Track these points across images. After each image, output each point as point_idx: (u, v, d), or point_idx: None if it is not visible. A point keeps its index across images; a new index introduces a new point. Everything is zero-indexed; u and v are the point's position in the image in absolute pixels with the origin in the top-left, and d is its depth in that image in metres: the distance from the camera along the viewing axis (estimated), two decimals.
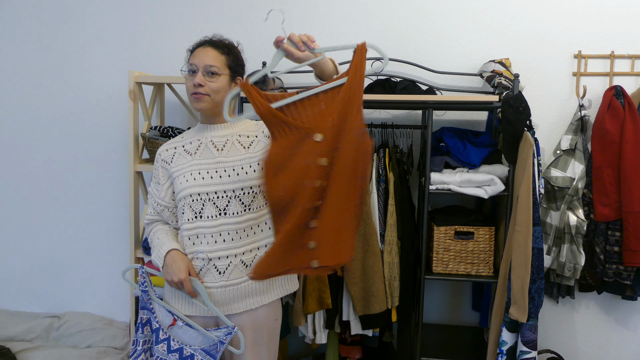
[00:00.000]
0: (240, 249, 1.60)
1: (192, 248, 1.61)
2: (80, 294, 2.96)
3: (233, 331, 1.58)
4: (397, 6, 2.60)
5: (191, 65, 1.60)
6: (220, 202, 1.58)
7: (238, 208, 1.59)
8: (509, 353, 2.18)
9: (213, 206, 1.58)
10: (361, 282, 2.25)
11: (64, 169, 2.90)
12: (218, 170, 1.60)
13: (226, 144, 1.65)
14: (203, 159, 1.62)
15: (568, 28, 2.51)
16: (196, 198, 1.59)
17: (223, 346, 1.58)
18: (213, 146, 1.64)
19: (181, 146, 1.68)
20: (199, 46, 1.63)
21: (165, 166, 1.69)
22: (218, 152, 1.63)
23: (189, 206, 1.60)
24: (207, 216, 1.58)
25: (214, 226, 1.58)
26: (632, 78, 2.47)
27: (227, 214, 1.59)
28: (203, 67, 1.58)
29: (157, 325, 1.60)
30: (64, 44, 2.84)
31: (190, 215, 1.60)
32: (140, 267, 1.65)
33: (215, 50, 1.61)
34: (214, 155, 1.62)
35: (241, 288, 1.61)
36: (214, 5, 2.71)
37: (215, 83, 1.59)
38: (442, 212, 2.44)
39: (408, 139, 2.57)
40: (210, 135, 1.66)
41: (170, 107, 2.77)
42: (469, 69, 2.56)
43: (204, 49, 1.61)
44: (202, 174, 1.60)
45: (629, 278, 2.33)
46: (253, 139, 1.67)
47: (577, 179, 2.35)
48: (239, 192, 1.59)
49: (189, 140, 1.69)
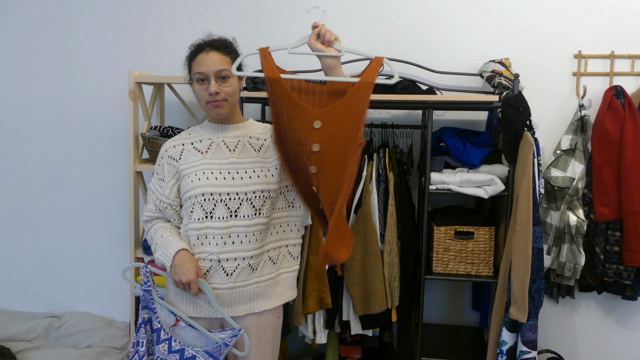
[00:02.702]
0: (249, 253, 1.59)
1: (201, 248, 1.59)
2: (80, 294, 2.96)
3: (239, 334, 1.57)
4: (398, 6, 2.60)
5: (199, 74, 1.56)
6: (232, 203, 1.57)
7: (249, 211, 1.58)
8: (509, 353, 2.18)
9: (225, 207, 1.57)
10: (361, 282, 2.25)
11: (64, 169, 2.90)
12: (231, 171, 1.59)
13: (238, 145, 1.64)
14: (215, 158, 1.61)
15: (568, 28, 2.51)
16: (208, 198, 1.57)
17: (227, 348, 1.57)
18: (225, 146, 1.63)
19: (190, 143, 1.65)
20: (199, 52, 1.58)
21: (172, 163, 1.64)
22: (230, 152, 1.62)
23: (199, 205, 1.57)
24: (217, 217, 1.57)
25: (224, 227, 1.57)
26: (632, 78, 2.47)
27: (238, 217, 1.58)
28: (214, 74, 1.55)
29: (159, 325, 1.59)
30: (64, 44, 2.84)
31: (200, 214, 1.58)
32: (143, 266, 1.62)
33: (219, 53, 1.58)
34: (227, 156, 1.61)
35: (247, 291, 1.61)
36: (214, 5, 2.71)
37: (229, 87, 1.58)
38: (442, 212, 2.44)
39: (408, 139, 2.57)
40: (222, 136, 1.65)
41: (170, 107, 2.77)
42: (469, 69, 2.56)
43: (207, 55, 1.56)
44: (215, 174, 1.58)
45: (629, 278, 2.33)
46: (263, 142, 1.67)
47: (577, 179, 2.35)
48: (251, 195, 1.59)
49: (198, 139, 1.66)
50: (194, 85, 1.61)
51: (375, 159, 2.32)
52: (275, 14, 2.68)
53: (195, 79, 1.58)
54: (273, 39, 2.68)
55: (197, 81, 1.58)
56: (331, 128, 1.40)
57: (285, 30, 2.67)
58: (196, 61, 1.58)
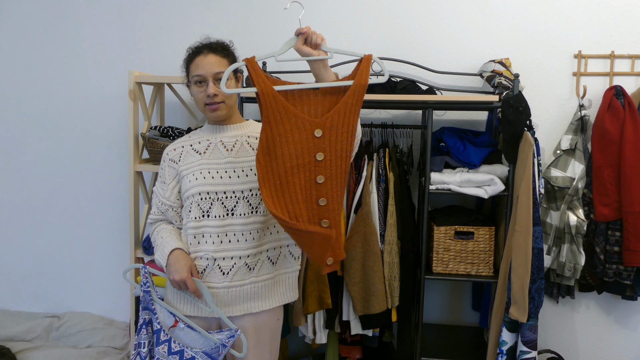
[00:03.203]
0: (245, 252, 1.60)
1: (197, 247, 1.60)
2: (80, 294, 2.96)
3: (236, 334, 1.57)
4: (398, 6, 2.60)
5: (197, 76, 1.57)
6: (229, 202, 1.59)
7: (246, 209, 1.59)
8: (509, 353, 2.18)
9: (221, 206, 1.58)
10: (361, 282, 2.25)
11: (64, 169, 2.90)
12: (228, 170, 1.60)
13: (235, 145, 1.65)
14: (212, 158, 1.62)
15: (568, 28, 2.51)
16: (205, 197, 1.58)
17: (225, 349, 1.57)
18: (223, 146, 1.64)
19: (189, 145, 1.67)
20: (197, 54, 1.60)
21: (172, 165, 1.68)
22: (228, 152, 1.63)
23: (196, 204, 1.59)
24: (214, 215, 1.58)
25: (221, 226, 1.58)
26: (632, 78, 2.47)
27: (235, 215, 1.59)
28: (212, 76, 1.56)
29: (159, 327, 1.60)
30: (64, 44, 2.84)
31: (197, 213, 1.59)
32: (142, 267, 1.63)
33: (216, 55, 1.59)
34: (224, 156, 1.63)
35: (244, 290, 1.61)
36: (214, 5, 2.71)
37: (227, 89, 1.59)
38: (442, 212, 2.44)
39: (408, 139, 2.57)
40: (220, 136, 1.66)
41: (170, 107, 2.77)
42: (469, 69, 2.56)
43: (205, 57, 1.58)
44: (212, 173, 1.60)
45: (629, 278, 2.33)
46: None
47: (577, 178, 2.35)
48: (248, 194, 1.60)
49: (197, 140, 1.68)
50: (192, 87, 1.62)
51: (375, 159, 2.32)
52: (276, 14, 2.68)
53: (193, 82, 1.59)
54: (273, 39, 2.68)
55: (195, 83, 1.59)
56: (332, 134, 1.40)
57: (285, 30, 2.67)
58: (194, 64, 1.59)
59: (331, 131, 1.40)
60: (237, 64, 1.47)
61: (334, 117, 1.40)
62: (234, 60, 1.64)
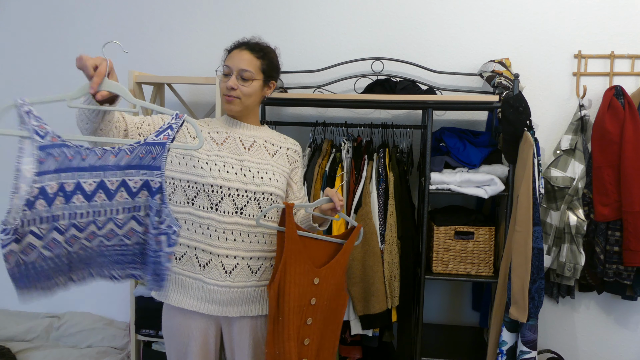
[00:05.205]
0: (249, 253, 1.59)
1: (201, 237, 1.57)
2: (80, 294, 2.95)
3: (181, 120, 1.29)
4: (398, 6, 2.60)
5: (226, 67, 1.61)
6: (239, 200, 1.58)
7: (255, 211, 1.59)
8: (509, 353, 2.18)
9: (232, 203, 1.57)
10: (361, 282, 2.25)
11: None
12: (243, 168, 1.60)
13: (253, 145, 1.65)
14: (230, 152, 1.61)
15: (568, 28, 2.51)
16: (217, 190, 1.56)
17: (173, 132, 1.28)
18: (241, 143, 1.64)
19: (207, 132, 1.63)
20: (236, 48, 1.64)
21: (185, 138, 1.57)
22: (245, 150, 1.63)
23: (206, 195, 1.56)
24: (223, 211, 1.56)
25: (228, 223, 1.57)
26: (632, 78, 2.47)
27: (244, 215, 1.58)
28: (237, 71, 1.59)
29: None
30: (64, 44, 2.83)
31: (206, 203, 1.56)
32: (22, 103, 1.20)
33: (251, 53, 1.62)
34: (241, 152, 1.62)
35: (244, 292, 1.61)
36: (214, 5, 2.71)
37: (248, 88, 1.60)
38: (442, 212, 2.44)
39: (408, 139, 2.57)
40: (239, 132, 1.66)
41: (170, 107, 2.77)
42: (469, 69, 2.56)
43: (240, 52, 1.62)
44: (227, 167, 1.58)
45: (629, 278, 2.33)
46: (277, 149, 1.70)
47: (577, 179, 2.35)
48: (259, 196, 1.60)
49: (215, 129, 1.65)
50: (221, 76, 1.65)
51: (375, 159, 2.32)
52: (276, 14, 2.68)
53: (223, 71, 1.64)
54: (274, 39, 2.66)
55: (223, 74, 1.63)
56: (325, 284, 1.60)
57: (286, 30, 2.67)
58: (229, 55, 1.65)
59: (325, 280, 1.60)
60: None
61: (328, 271, 1.60)
62: (269, 63, 1.65)
